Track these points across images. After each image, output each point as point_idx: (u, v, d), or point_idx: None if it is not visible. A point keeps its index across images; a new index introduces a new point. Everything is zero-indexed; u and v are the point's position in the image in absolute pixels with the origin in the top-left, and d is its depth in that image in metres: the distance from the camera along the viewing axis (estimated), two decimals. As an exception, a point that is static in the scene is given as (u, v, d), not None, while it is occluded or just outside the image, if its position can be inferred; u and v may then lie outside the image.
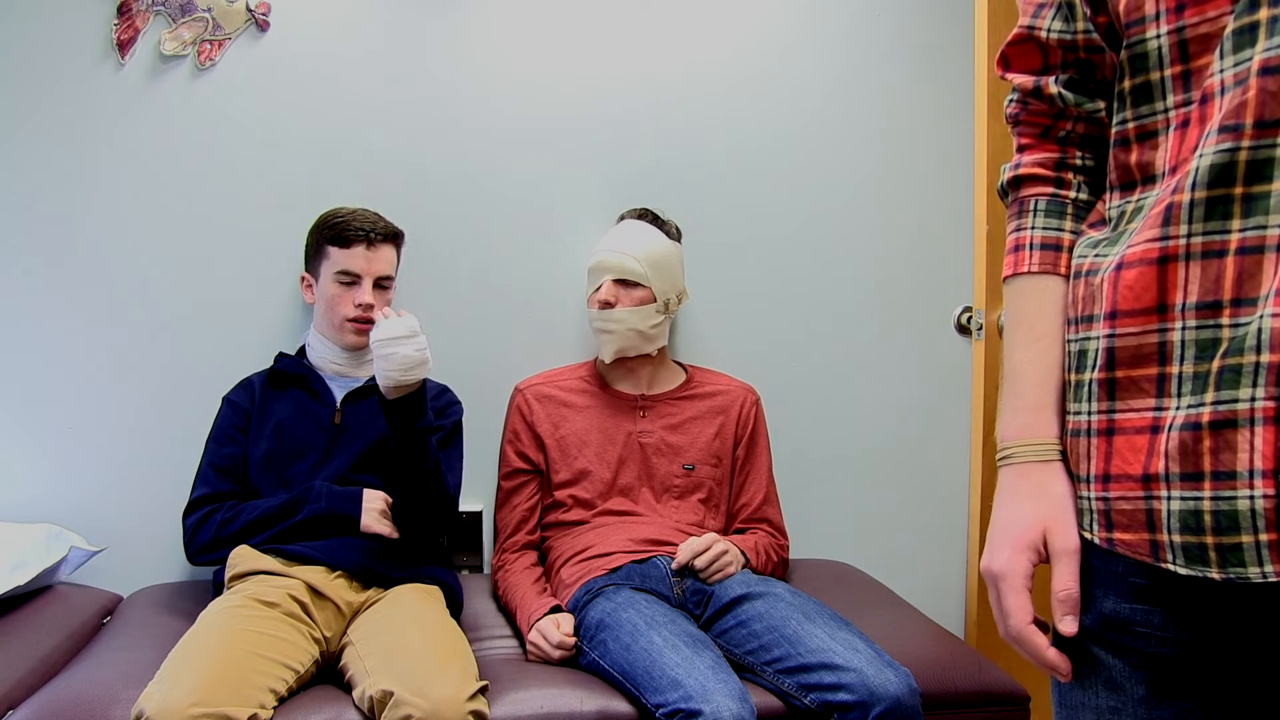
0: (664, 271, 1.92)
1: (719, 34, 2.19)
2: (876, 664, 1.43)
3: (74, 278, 1.96)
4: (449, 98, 2.10)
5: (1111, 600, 0.81)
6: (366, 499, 1.74)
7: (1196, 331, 0.73)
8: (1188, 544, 0.73)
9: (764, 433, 2.03)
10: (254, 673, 1.37)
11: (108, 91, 1.96)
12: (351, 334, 1.84)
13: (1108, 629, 0.81)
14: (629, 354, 1.93)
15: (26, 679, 1.48)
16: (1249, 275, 0.70)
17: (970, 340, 2.29)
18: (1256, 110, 0.69)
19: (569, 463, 1.92)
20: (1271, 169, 0.69)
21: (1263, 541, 0.69)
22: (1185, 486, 0.73)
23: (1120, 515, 0.78)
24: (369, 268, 1.84)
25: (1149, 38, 0.77)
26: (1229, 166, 0.71)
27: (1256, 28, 0.70)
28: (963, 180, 2.28)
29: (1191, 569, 0.73)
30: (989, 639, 2.12)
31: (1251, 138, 0.70)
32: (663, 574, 1.73)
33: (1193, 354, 0.73)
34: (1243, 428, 0.70)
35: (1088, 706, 0.83)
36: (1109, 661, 0.82)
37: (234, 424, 1.82)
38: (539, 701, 1.47)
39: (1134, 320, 0.77)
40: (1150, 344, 0.76)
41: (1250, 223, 0.70)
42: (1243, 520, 0.70)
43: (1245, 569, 0.70)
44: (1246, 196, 0.70)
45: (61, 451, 1.97)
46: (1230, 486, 0.70)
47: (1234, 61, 0.71)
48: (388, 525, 1.73)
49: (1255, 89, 0.69)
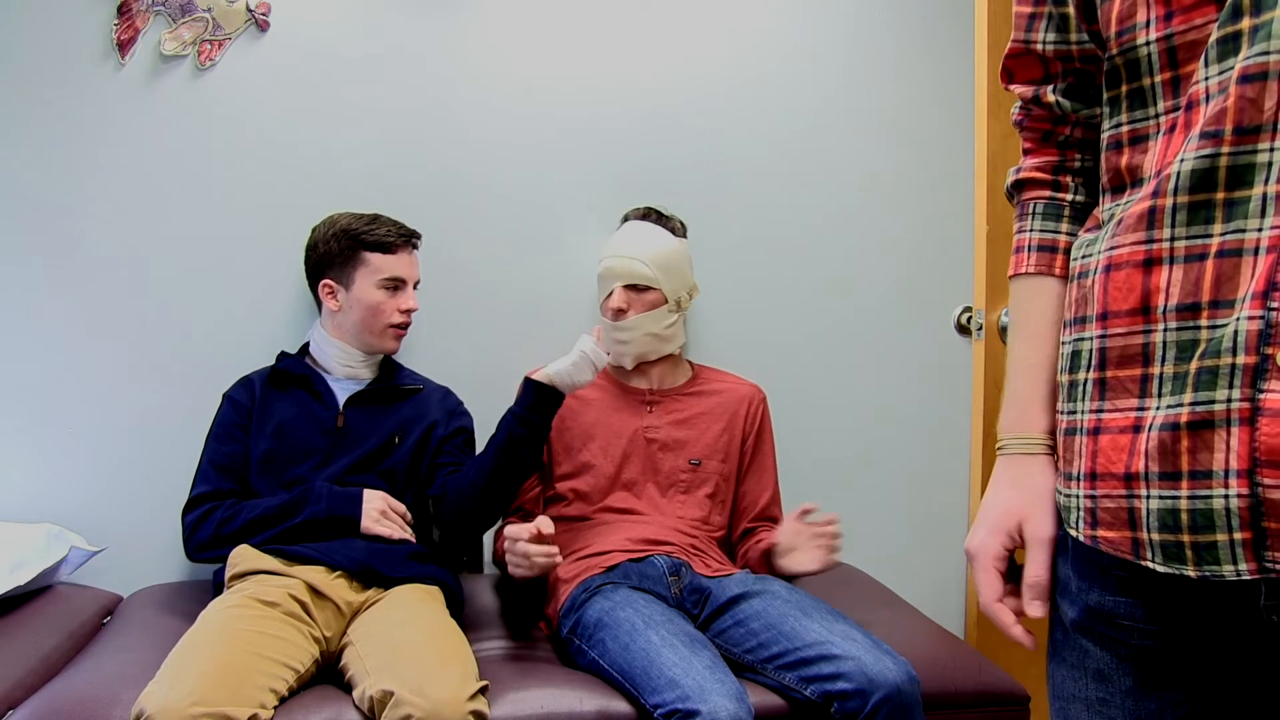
0: (672, 271, 1.92)
1: (720, 36, 2.20)
2: (875, 653, 1.44)
3: (74, 277, 1.97)
4: (450, 98, 2.10)
5: (1096, 593, 0.83)
6: (367, 500, 1.74)
7: (1177, 333, 0.75)
8: (1165, 542, 0.74)
9: (770, 432, 2.04)
10: (254, 672, 1.37)
11: (108, 91, 1.96)
12: (392, 339, 1.87)
13: (1094, 621, 0.83)
14: (648, 358, 1.94)
15: (26, 679, 1.48)
16: (1227, 278, 0.72)
17: (970, 340, 2.29)
18: (1236, 117, 0.71)
19: (572, 455, 1.92)
20: (1251, 174, 0.71)
21: (1237, 540, 0.71)
22: (1164, 486, 0.74)
23: (1104, 513, 0.79)
24: (411, 272, 1.88)
25: (1139, 44, 0.79)
26: (1210, 172, 0.73)
27: (1240, 36, 0.72)
28: (963, 180, 2.28)
29: (1169, 567, 0.75)
30: (989, 639, 2.12)
31: (1231, 144, 0.72)
32: (660, 573, 1.74)
33: (1173, 355, 0.75)
34: (1219, 428, 0.71)
35: (1078, 698, 0.86)
36: (1096, 654, 0.84)
37: (235, 421, 1.82)
38: (539, 701, 1.47)
39: (1121, 321, 0.79)
40: (1135, 345, 0.78)
41: (1230, 227, 0.72)
42: (1218, 519, 0.71)
43: (1220, 567, 0.72)
44: (1228, 201, 0.72)
45: (61, 451, 1.97)
46: (1206, 486, 0.72)
47: (1218, 69, 0.73)
48: (388, 526, 1.74)
49: (1234, 96, 0.71)
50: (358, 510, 1.72)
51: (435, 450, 1.87)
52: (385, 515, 1.75)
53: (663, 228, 1.96)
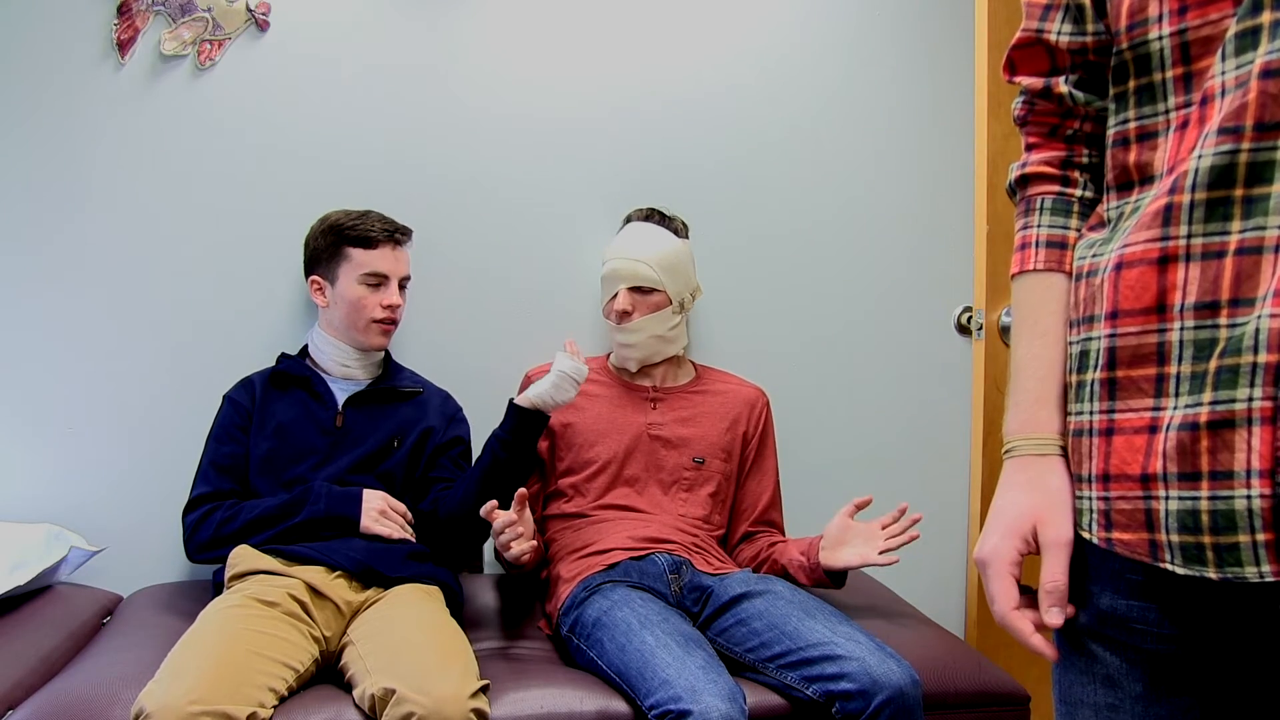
0: (676, 272, 1.93)
1: (721, 36, 2.20)
2: (878, 654, 1.44)
3: (74, 277, 1.96)
4: (450, 98, 2.10)
5: (1108, 596, 0.81)
6: (366, 499, 1.74)
7: (1195, 332, 0.73)
8: (1185, 544, 0.73)
9: (773, 435, 2.04)
10: (254, 671, 1.37)
11: (108, 91, 1.96)
12: (378, 335, 1.86)
13: (1105, 625, 0.82)
14: (653, 360, 1.94)
15: (26, 679, 1.48)
16: (1247, 276, 0.71)
17: (970, 340, 2.29)
18: (1257, 113, 0.70)
19: (575, 451, 1.92)
20: (1272, 171, 0.70)
21: (1259, 541, 0.70)
22: (1183, 486, 0.73)
23: (1120, 515, 0.78)
24: (395, 268, 1.86)
25: (1151, 39, 0.78)
26: (1229, 168, 0.71)
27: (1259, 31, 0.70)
28: (963, 180, 2.28)
29: (1189, 569, 0.73)
30: (989, 639, 2.12)
31: (1251, 140, 0.70)
32: (660, 571, 1.74)
33: (1191, 354, 0.73)
34: (1240, 428, 0.70)
35: (1086, 703, 0.84)
36: (1106, 659, 0.82)
37: (235, 423, 1.82)
38: (539, 701, 1.47)
39: (1134, 320, 0.77)
40: (1149, 344, 0.76)
41: (1250, 224, 0.71)
42: (1240, 520, 0.70)
43: (1242, 569, 0.71)
44: (1247, 198, 0.71)
45: (61, 451, 1.97)
46: (1228, 486, 0.71)
47: (1235, 64, 0.71)
48: (388, 526, 1.74)
49: (1256, 91, 0.70)
50: (357, 510, 1.72)
51: (430, 460, 1.87)
52: (384, 515, 1.75)
53: (665, 229, 1.97)
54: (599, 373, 2.01)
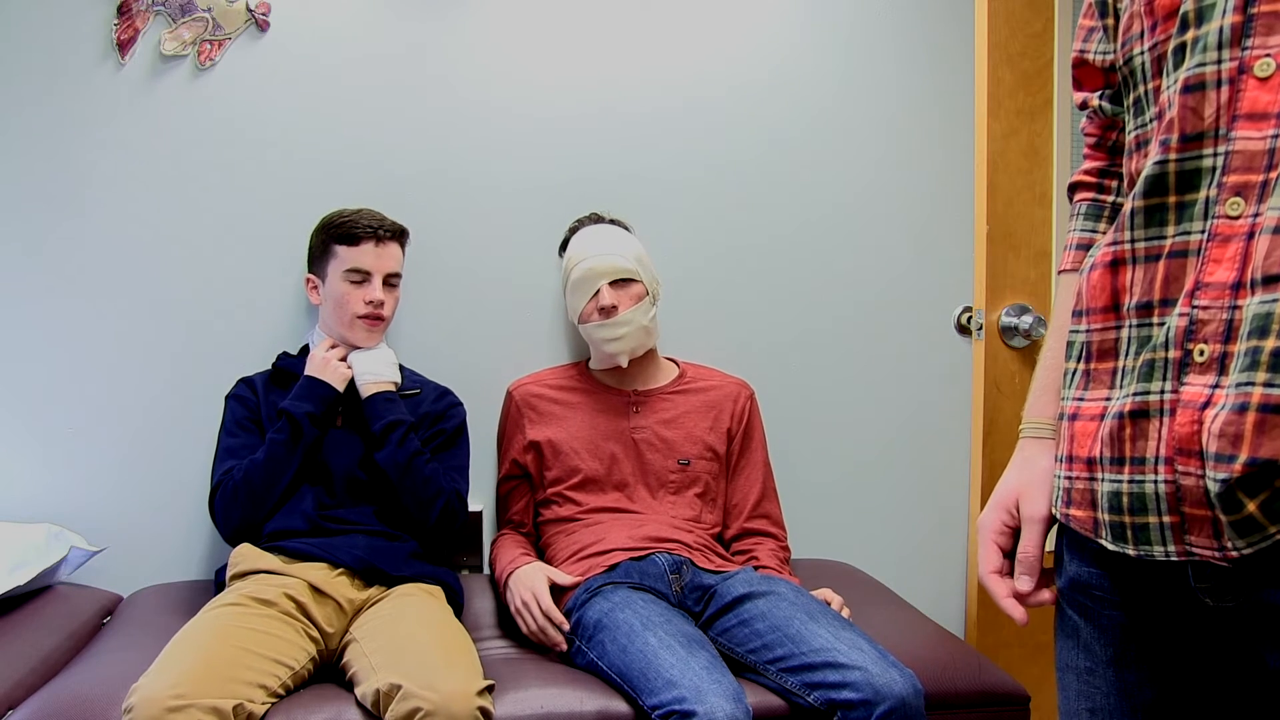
0: (644, 263, 1.95)
1: (720, 36, 2.20)
2: (881, 664, 1.43)
3: (74, 278, 1.96)
4: (449, 98, 2.10)
5: (1075, 564, 0.89)
6: (314, 367, 1.82)
7: (1137, 330, 0.81)
8: (1113, 522, 0.81)
9: (759, 427, 2.03)
10: (242, 667, 1.37)
11: (108, 91, 1.96)
12: (363, 331, 1.85)
13: (1075, 591, 0.90)
14: (638, 353, 1.94)
15: (26, 679, 1.48)
16: (1174, 277, 0.78)
17: (970, 340, 2.29)
18: (1180, 125, 0.77)
19: (562, 461, 1.92)
20: (1199, 179, 0.76)
21: (1165, 523, 0.76)
22: (1112, 470, 0.81)
23: (1076, 494, 0.86)
24: (378, 264, 1.85)
25: (1135, 55, 0.84)
26: (1161, 177, 0.79)
27: (1184, 48, 0.77)
28: (963, 180, 2.28)
29: (1116, 546, 0.81)
30: (989, 639, 2.12)
31: (1178, 151, 0.77)
32: (661, 571, 1.73)
33: (1134, 350, 0.81)
34: (1153, 417, 0.77)
35: (1071, 667, 0.92)
36: (1082, 625, 0.90)
37: (245, 415, 1.84)
38: (539, 701, 1.47)
39: (1098, 318, 0.86)
40: (1110, 340, 0.85)
41: (1179, 229, 0.78)
42: (1149, 503, 0.77)
43: (1152, 548, 0.78)
44: (1179, 204, 0.78)
45: (61, 451, 1.97)
46: (1141, 471, 0.78)
47: (1173, 79, 0.78)
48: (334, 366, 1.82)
49: (1178, 106, 0.77)
50: (327, 387, 1.80)
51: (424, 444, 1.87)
52: (328, 360, 1.82)
53: (618, 227, 1.99)
54: (577, 379, 2.01)
